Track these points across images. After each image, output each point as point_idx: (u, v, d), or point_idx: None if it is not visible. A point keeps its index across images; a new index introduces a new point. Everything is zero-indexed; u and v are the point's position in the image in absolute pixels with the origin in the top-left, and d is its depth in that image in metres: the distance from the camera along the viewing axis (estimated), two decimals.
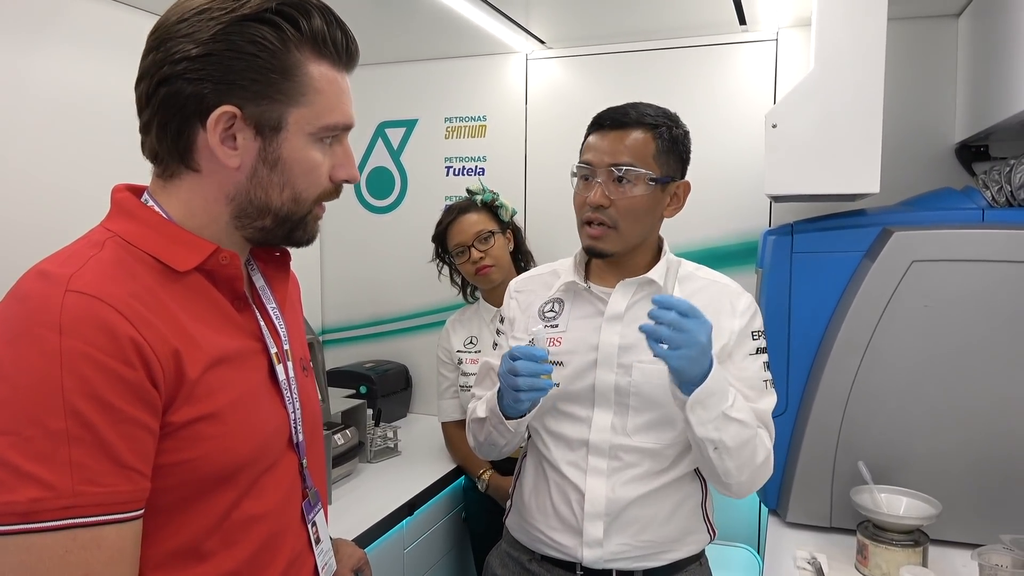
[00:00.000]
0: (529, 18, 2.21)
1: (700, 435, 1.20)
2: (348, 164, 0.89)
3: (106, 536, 0.70)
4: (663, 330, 1.12)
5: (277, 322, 0.93)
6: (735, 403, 1.21)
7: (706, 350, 1.15)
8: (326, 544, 0.98)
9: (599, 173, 1.30)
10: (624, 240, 1.31)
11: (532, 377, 1.21)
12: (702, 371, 1.16)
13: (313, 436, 0.97)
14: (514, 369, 1.21)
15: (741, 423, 1.22)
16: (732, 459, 1.23)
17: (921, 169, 2.04)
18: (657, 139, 1.30)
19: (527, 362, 1.21)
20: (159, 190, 0.86)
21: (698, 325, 1.14)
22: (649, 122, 1.30)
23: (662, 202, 1.34)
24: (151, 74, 0.81)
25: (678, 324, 1.12)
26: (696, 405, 1.17)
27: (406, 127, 2.70)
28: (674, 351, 1.13)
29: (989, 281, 1.51)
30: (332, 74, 0.85)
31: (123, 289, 0.75)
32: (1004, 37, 1.63)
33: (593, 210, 1.30)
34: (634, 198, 1.29)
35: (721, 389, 1.19)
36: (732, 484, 1.27)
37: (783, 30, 2.22)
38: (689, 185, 1.37)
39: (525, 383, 1.21)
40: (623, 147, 1.29)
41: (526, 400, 1.24)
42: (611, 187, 1.29)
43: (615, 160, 1.29)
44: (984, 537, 1.42)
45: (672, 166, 1.33)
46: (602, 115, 1.34)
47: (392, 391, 2.56)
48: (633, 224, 1.31)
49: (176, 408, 0.76)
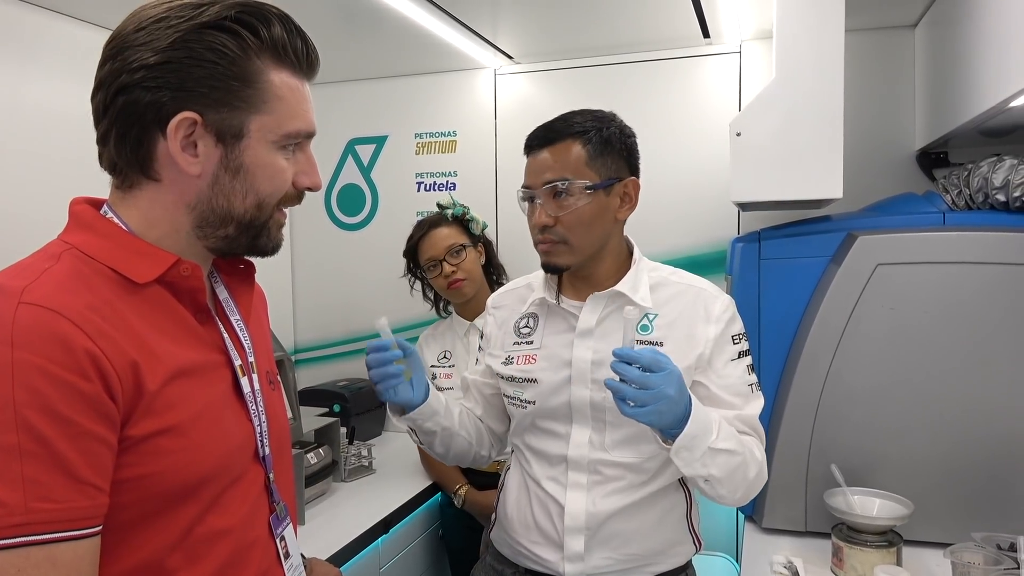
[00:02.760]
0: (497, 33, 2.23)
1: (688, 474, 1.18)
2: (311, 171, 0.89)
3: (61, 554, 0.68)
4: (627, 389, 1.09)
5: (241, 334, 0.92)
6: (720, 433, 1.18)
7: (677, 400, 1.11)
8: (296, 559, 0.96)
9: (538, 194, 1.29)
10: (579, 251, 1.30)
11: (382, 367, 1.25)
12: (677, 419, 1.12)
13: (280, 450, 0.96)
14: (367, 364, 1.26)
15: (729, 452, 1.18)
16: (724, 486, 1.21)
17: (884, 176, 2.08)
18: (587, 144, 1.27)
19: (374, 354, 1.25)
20: (118, 201, 0.84)
21: (664, 378, 1.09)
22: (577, 130, 1.28)
23: (610, 206, 1.30)
24: (108, 84, 0.80)
25: (642, 381, 1.08)
26: (680, 450, 1.14)
27: (376, 143, 2.69)
28: (641, 408, 1.09)
29: (951, 282, 1.54)
30: (293, 82, 0.85)
31: (79, 301, 0.73)
32: (958, 46, 1.67)
33: (540, 231, 1.30)
34: (576, 210, 1.27)
35: (704, 428, 1.15)
36: (727, 501, 1.26)
37: (746, 43, 2.26)
38: (638, 183, 1.33)
39: (376, 374, 1.25)
40: (553, 163, 1.27)
41: (384, 390, 1.27)
42: (551, 205, 1.28)
43: (547, 178, 1.27)
44: (956, 536, 1.43)
45: (611, 167, 1.29)
46: (530, 135, 1.32)
47: (366, 409, 2.53)
48: (584, 235, 1.28)
49: (135, 421, 0.74)
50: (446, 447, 1.40)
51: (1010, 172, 1.55)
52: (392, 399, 1.28)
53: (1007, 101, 1.36)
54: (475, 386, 1.49)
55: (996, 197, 1.57)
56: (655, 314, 1.32)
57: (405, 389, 1.28)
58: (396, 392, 1.27)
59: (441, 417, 1.35)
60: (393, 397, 1.28)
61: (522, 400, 1.36)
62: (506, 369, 1.39)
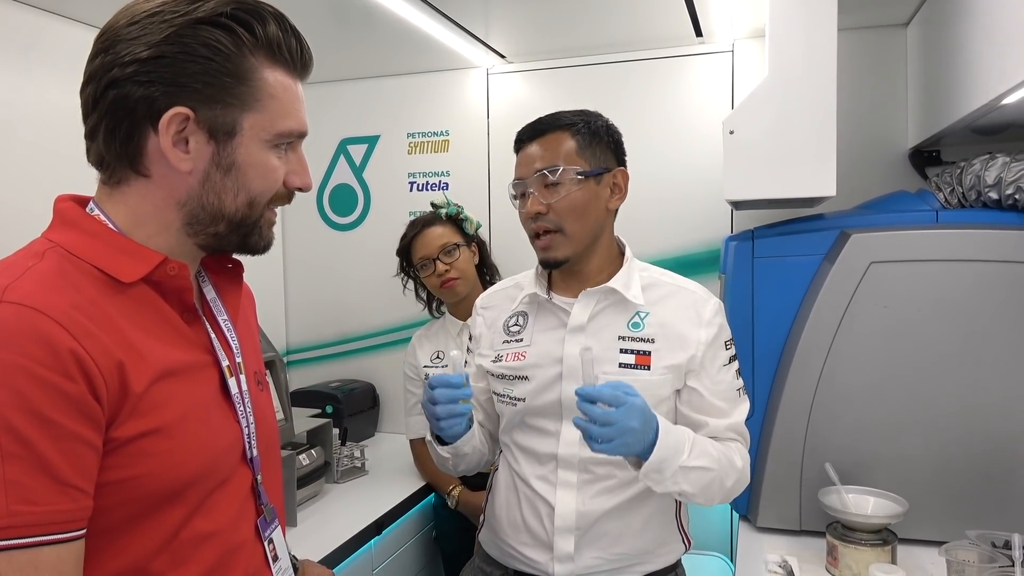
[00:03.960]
0: (489, 33, 2.22)
1: (659, 491, 1.21)
2: (302, 171, 0.88)
3: (45, 558, 0.67)
4: (592, 428, 1.12)
5: (229, 334, 0.91)
6: (692, 451, 1.20)
7: (643, 431, 1.13)
8: (284, 562, 0.94)
9: (530, 184, 1.31)
10: (574, 242, 1.31)
11: (450, 404, 1.23)
12: (646, 447, 1.15)
13: (269, 452, 0.94)
14: (432, 398, 1.23)
15: (702, 469, 1.21)
16: (698, 498, 1.24)
17: (876, 174, 2.08)
18: (576, 135, 1.31)
19: (444, 390, 1.23)
20: (105, 198, 0.83)
21: (626, 412, 1.11)
22: (565, 122, 1.31)
23: (601, 195, 1.33)
24: (98, 77, 0.79)
25: (604, 419, 1.11)
26: (650, 473, 1.17)
27: (368, 143, 2.68)
28: (608, 444, 1.12)
29: (944, 280, 1.54)
30: (287, 80, 0.84)
31: (64, 300, 0.72)
32: (950, 44, 1.67)
33: (534, 220, 1.31)
34: (569, 196, 1.29)
35: (675, 449, 1.18)
36: (704, 505, 1.28)
37: (739, 41, 2.26)
38: (627, 173, 1.37)
39: (443, 411, 1.23)
40: (544, 152, 1.31)
41: (446, 428, 1.26)
42: (544, 193, 1.30)
43: (539, 166, 1.30)
44: (951, 534, 1.42)
45: (601, 157, 1.32)
46: (520, 131, 1.36)
47: (359, 410, 2.52)
48: (577, 222, 1.30)
49: (120, 423, 0.73)
50: (468, 463, 1.40)
51: (1003, 170, 1.55)
52: (451, 435, 1.28)
53: (1000, 98, 1.36)
54: None
55: (989, 195, 1.57)
56: (647, 312, 1.32)
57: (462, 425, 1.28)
58: (454, 428, 1.27)
59: (475, 439, 1.36)
60: (450, 433, 1.28)
61: (512, 397, 1.36)
62: (496, 366, 1.38)
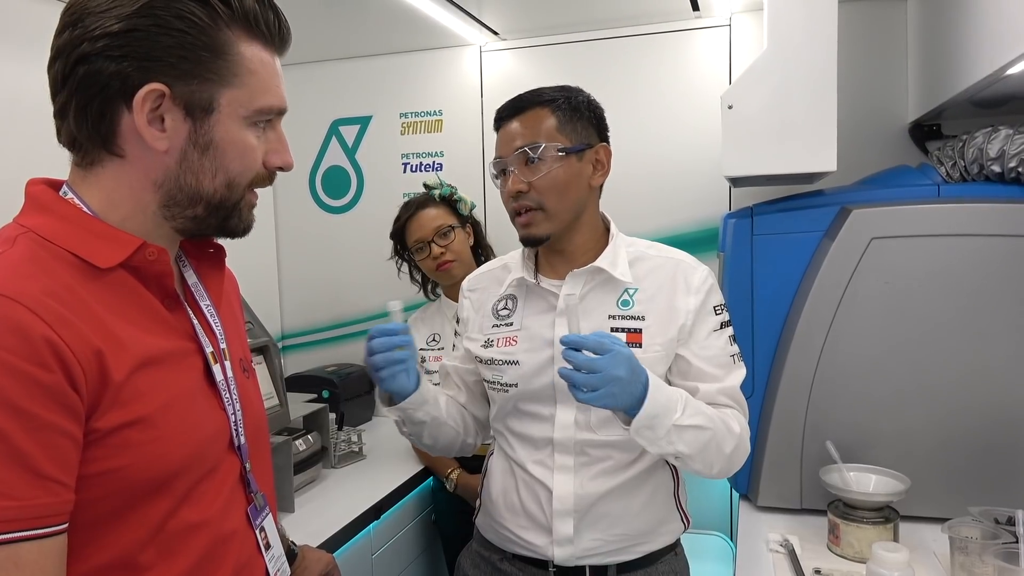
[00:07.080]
0: (482, 9, 2.17)
1: (655, 452, 1.18)
2: (282, 150, 0.85)
3: (25, 554, 0.65)
4: (577, 375, 1.09)
5: (212, 320, 0.88)
6: (686, 410, 1.17)
7: (630, 380, 1.10)
8: (277, 549, 0.93)
9: (511, 162, 1.28)
10: (555, 219, 1.28)
11: (389, 352, 1.21)
12: (634, 399, 1.11)
13: (257, 439, 0.92)
14: (370, 348, 1.21)
15: (697, 428, 1.18)
16: (695, 462, 1.21)
17: (877, 149, 2.05)
18: (556, 111, 1.28)
19: (381, 339, 1.20)
20: (79, 181, 0.80)
21: (611, 360, 1.08)
22: (545, 99, 1.29)
23: (583, 172, 1.30)
24: (67, 52, 0.75)
25: (589, 365, 1.08)
26: (641, 429, 1.13)
27: (360, 124, 2.63)
28: (593, 393, 1.09)
29: (946, 255, 1.52)
30: (265, 55, 0.81)
31: (37, 286, 0.69)
32: (950, 17, 1.64)
33: (515, 199, 1.28)
34: (550, 174, 1.26)
35: (665, 406, 1.14)
36: (705, 475, 1.25)
37: (736, 15, 2.21)
38: (609, 149, 1.33)
39: (381, 359, 1.21)
40: (524, 129, 1.28)
41: (387, 377, 1.23)
42: (525, 171, 1.27)
43: (520, 143, 1.27)
44: (953, 511, 1.41)
45: (582, 133, 1.29)
46: (499, 109, 1.34)
47: (356, 394, 2.49)
48: (559, 200, 1.27)
49: (101, 413, 0.71)
50: (434, 438, 1.37)
51: (1005, 142, 1.52)
52: (390, 387, 1.25)
53: (1003, 69, 1.33)
54: (456, 372, 1.47)
55: (991, 168, 1.54)
56: (635, 288, 1.30)
57: (403, 377, 1.25)
58: (395, 379, 1.24)
59: (431, 407, 1.33)
60: (391, 384, 1.24)
61: (503, 384, 1.34)
62: (486, 352, 1.36)
